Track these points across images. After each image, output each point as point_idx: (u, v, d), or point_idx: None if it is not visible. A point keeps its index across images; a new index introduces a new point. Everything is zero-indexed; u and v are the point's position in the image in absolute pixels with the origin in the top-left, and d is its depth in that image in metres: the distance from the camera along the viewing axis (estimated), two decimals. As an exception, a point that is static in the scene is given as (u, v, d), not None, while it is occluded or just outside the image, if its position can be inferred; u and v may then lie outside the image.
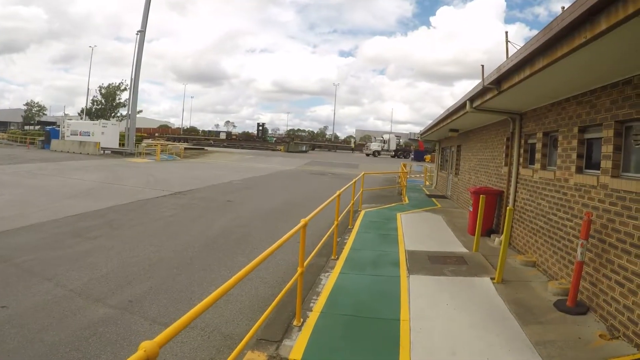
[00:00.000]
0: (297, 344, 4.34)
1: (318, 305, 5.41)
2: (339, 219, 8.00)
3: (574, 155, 6.25)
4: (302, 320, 4.89)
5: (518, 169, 8.77)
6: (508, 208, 7.11)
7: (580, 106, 6.15)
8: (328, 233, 7.69)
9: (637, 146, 4.94)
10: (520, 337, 4.63)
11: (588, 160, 6.13)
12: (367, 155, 77.04)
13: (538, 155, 7.76)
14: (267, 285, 6.41)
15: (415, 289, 6.06)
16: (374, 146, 79.99)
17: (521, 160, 8.72)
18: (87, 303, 5.58)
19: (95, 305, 5.50)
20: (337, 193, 8.08)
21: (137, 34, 36.51)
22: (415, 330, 4.74)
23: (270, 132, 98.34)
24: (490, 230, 9.68)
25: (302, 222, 4.72)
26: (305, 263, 4.92)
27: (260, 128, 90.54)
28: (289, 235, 4.23)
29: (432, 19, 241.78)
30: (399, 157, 73.91)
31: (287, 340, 4.41)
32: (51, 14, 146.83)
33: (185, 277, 6.71)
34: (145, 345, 1.90)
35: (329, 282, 6.23)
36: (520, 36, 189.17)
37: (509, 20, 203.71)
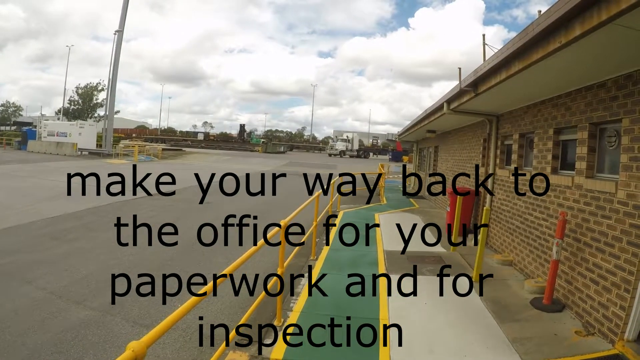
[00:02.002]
0: (279, 344, 4.34)
1: (298, 305, 5.41)
2: (318, 219, 8.02)
3: (550, 156, 6.39)
4: (282, 320, 4.90)
5: (495, 170, 8.92)
6: (485, 208, 7.23)
7: (555, 108, 6.29)
8: (307, 234, 7.72)
9: (611, 147, 5.08)
10: (498, 335, 4.71)
11: (563, 161, 6.28)
12: (330, 155, 69.87)
13: (514, 157, 7.91)
14: (246, 286, 6.38)
15: (395, 288, 6.12)
16: (340, 146, 72.86)
17: (498, 161, 8.87)
18: (68, 305, 5.55)
19: (76, 308, 5.48)
20: (316, 194, 8.11)
21: (114, 34, 35.97)
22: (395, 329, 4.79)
23: (247, 132, 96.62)
24: (467, 230, 9.81)
25: (282, 223, 4.74)
26: (285, 264, 4.95)
27: (246, 130, 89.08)
28: (270, 235, 4.28)
29: (410, 20, 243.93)
30: (359, 157, 70.73)
31: (269, 340, 4.41)
32: (29, 13, 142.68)
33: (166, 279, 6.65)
34: (133, 346, 1.92)
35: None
36: (499, 38, 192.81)
37: (487, 22, 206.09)
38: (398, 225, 10.82)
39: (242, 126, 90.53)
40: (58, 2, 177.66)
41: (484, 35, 8.88)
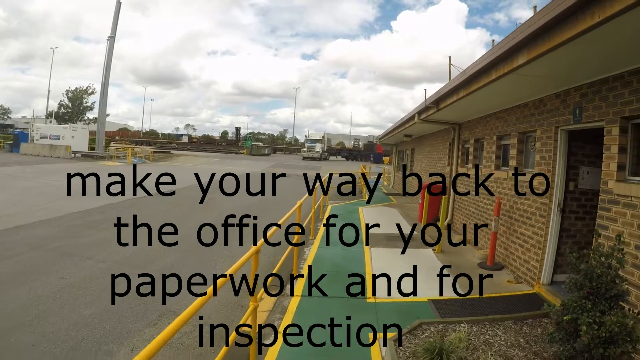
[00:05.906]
0: (296, 288, 6.17)
1: (306, 266, 7.22)
2: (314, 209, 9.89)
3: (494, 157, 8.39)
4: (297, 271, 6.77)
5: (457, 168, 10.91)
6: (443, 197, 9.15)
7: (498, 120, 8.28)
8: (306, 220, 9.54)
9: (532, 150, 7.06)
10: (452, 282, 6.63)
11: (503, 160, 8.27)
12: (305, 158, 62.40)
13: (471, 157, 9.92)
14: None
15: (375, 256, 8.05)
16: (319, 147, 65.06)
17: (459, 161, 10.88)
18: (133, 269, 7.11)
19: (140, 271, 7.03)
20: (303, 198, 9.95)
21: (107, 40, 36.80)
22: (377, 279, 6.65)
23: (230, 134, 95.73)
24: (436, 218, 11.73)
25: (298, 203, 6.67)
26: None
27: (243, 135, 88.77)
28: (296, 207, 6.15)
29: (393, 23, 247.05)
30: (325, 160, 66.51)
31: (289, 287, 6.24)
32: (9, 12, 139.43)
33: (198, 254, 8.41)
34: (252, 248, 3.68)
35: (311, 253, 8.07)
36: (481, 41, 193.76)
37: (470, 25, 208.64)
38: (378, 216, 12.75)
39: (237, 129, 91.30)
40: (39, 2, 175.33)
41: (450, 57, 10.82)
